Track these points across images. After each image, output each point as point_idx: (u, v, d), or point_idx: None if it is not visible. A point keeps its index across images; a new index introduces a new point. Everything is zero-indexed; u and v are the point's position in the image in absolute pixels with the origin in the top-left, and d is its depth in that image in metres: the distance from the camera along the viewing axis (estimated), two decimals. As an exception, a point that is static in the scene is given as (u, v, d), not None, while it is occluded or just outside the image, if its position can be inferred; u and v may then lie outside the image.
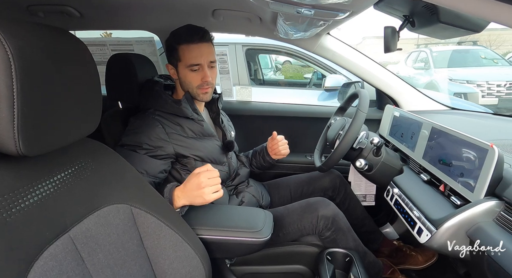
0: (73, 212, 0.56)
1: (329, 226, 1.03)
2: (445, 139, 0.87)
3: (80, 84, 0.56)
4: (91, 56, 0.58)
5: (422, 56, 6.49)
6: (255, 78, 3.72)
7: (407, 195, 0.89)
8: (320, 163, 1.17)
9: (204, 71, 0.99)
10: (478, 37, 8.93)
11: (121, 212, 0.66)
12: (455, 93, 4.96)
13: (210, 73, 1.01)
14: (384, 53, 0.96)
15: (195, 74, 0.99)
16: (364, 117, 1.02)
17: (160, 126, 0.97)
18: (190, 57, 0.97)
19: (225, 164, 1.12)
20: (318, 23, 0.98)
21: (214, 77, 1.04)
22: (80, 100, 0.56)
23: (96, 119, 0.61)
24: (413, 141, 1.05)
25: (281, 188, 1.34)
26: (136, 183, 0.72)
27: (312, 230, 1.04)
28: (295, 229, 1.04)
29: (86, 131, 0.60)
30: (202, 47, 0.98)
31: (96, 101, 0.60)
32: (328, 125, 1.31)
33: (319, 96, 2.74)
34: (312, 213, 1.04)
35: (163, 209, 0.74)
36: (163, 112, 1.00)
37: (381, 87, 1.42)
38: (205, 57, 0.98)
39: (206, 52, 0.99)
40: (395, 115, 1.26)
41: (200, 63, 0.98)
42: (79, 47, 0.56)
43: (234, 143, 1.13)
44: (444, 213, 0.72)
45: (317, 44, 1.34)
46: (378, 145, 1.02)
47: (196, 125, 1.04)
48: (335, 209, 1.07)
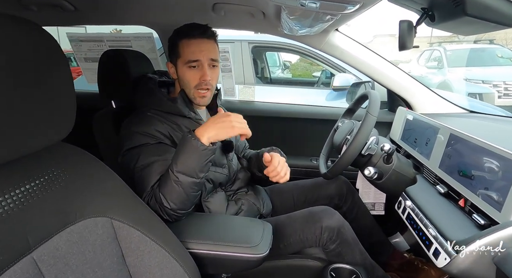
0: (39, 229, 0.49)
1: (334, 238, 0.95)
2: (466, 147, 0.78)
3: (49, 84, 0.49)
4: (63, 53, 0.51)
5: (435, 54, 6.29)
6: (262, 77, 3.64)
7: (421, 209, 0.80)
8: (325, 169, 1.09)
9: (203, 69, 0.92)
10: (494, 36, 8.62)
11: (100, 226, 0.59)
12: (470, 93, 4.78)
13: (210, 73, 0.93)
14: (399, 51, 0.86)
15: (193, 72, 0.92)
16: (374, 122, 0.94)
17: (157, 122, 0.91)
18: (189, 52, 0.91)
19: (225, 166, 1.05)
20: (325, 18, 0.89)
21: (214, 79, 0.95)
22: (50, 102, 0.49)
23: (70, 122, 0.54)
24: (428, 148, 0.96)
25: (283, 194, 1.26)
26: (119, 192, 0.65)
27: (315, 242, 0.96)
28: (297, 240, 0.97)
29: (57, 136, 0.53)
30: (202, 43, 0.91)
31: (68, 103, 0.53)
32: (335, 129, 1.23)
33: (327, 96, 2.64)
34: (315, 224, 0.96)
35: (148, 221, 0.67)
36: (158, 111, 0.94)
37: (392, 87, 1.33)
38: (205, 53, 0.91)
39: (207, 49, 0.92)
40: (408, 118, 1.16)
41: (199, 59, 0.91)
42: (48, 44, 0.49)
43: (232, 143, 1.05)
44: (466, 234, 0.63)
45: (324, 41, 1.25)
46: (389, 152, 0.93)
47: (193, 125, 0.96)
48: (340, 219, 0.98)
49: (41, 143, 0.50)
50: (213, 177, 1.00)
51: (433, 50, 6.66)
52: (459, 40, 10.21)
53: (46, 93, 0.49)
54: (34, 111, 0.47)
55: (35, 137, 0.49)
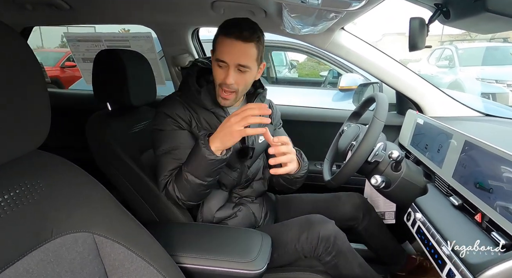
0: (7, 251, 0.44)
1: (330, 249, 0.89)
2: (483, 155, 0.71)
3: (19, 88, 0.44)
4: (32, 53, 0.46)
5: (446, 53, 6.13)
6: (267, 77, 3.58)
7: (433, 223, 0.73)
8: (329, 176, 1.02)
9: (228, 71, 0.86)
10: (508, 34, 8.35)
11: (80, 243, 0.54)
12: (482, 93, 4.63)
13: (236, 77, 0.87)
14: (409, 51, 0.79)
15: (220, 71, 0.88)
16: (382, 127, 0.87)
17: (180, 107, 0.92)
18: (220, 51, 0.86)
19: (236, 170, 0.99)
20: (329, 15, 0.83)
21: (240, 83, 0.88)
22: (18, 108, 0.45)
23: (44, 130, 0.49)
24: (440, 155, 0.89)
25: (292, 206, 1.18)
26: (103, 204, 0.60)
27: (311, 251, 0.90)
28: (292, 249, 0.91)
29: (30, 145, 0.48)
30: (236, 45, 0.84)
31: (42, 107, 0.48)
32: (340, 133, 1.16)
33: (334, 97, 2.58)
34: (312, 233, 0.89)
35: (134, 235, 0.63)
36: (186, 99, 0.94)
37: (401, 89, 1.26)
38: (234, 57, 0.85)
39: (238, 53, 0.85)
40: (418, 122, 1.09)
41: (225, 61, 0.85)
42: (17, 44, 0.45)
43: (249, 149, 0.97)
44: (484, 256, 0.56)
45: (329, 40, 1.19)
46: (397, 160, 0.87)
47: (214, 119, 0.94)
48: (335, 228, 0.92)
49: (11, 152, 0.46)
50: (219, 177, 0.94)
51: (444, 48, 6.49)
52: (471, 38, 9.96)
53: (16, 98, 0.44)
54: (3, 117, 0.42)
55: (4, 147, 0.44)
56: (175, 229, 0.85)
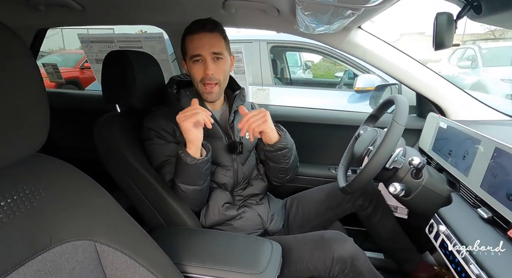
0: (1, 261, 0.42)
1: (347, 271, 0.83)
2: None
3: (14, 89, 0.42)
4: (31, 55, 0.44)
5: (468, 53, 5.88)
6: (281, 77, 3.53)
7: (459, 238, 0.67)
8: (344, 183, 0.97)
9: (206, 63, 0.91)
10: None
11: (80, 251, 0.52)
12: (508, 94, 4.41)
13: (215, 67, 0.92)
14: (435, 50, 0.73)
15: (197, 67, 0.93)
16: (401, 132, 0.81)
17: (162, 119, 0.95)
18: (191, 48, 0.92)
19: (230, 168, 1.00)
20: (345, 13, 0.78)
21: (220, 72, 0.93)
22: (15, 109, 0.43)
23: (43, 132, 0.47)
24: (466, 162, 0.82)
25: (301, 203, 1.17)
26: (106, 210, 0.58)
27: (325, 272, 0.84)
28: (304, 268, 0.86)
29: (29, 148, 0.46)
30: (204, 37, 0.91)
31: (40, 110, 0.46)
32: (356, 136, 1.10)
33: (349, 98, 2.50)
34: (326, 252, 0.84)
35: (138, 243, 0.60)
36: (166, 109, 0.97)
37: (422, 91, 1.18)
38: (207, 47, 0.90)
39: (208, 43, 0.91)
40: (441, 126, 1.02)
41: (200, 54, 0.91)
42: (14, 43, 0.43)
43: (237, 143, 0.99)
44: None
45: (345, 40, 1.14)
46: (419, 167, 0.81)
47: None
48: (354, 248, 0.86)
49: (8, 156, 0.44)
50: (214, 177, 0.98)
51: (466, 48, 6.23)
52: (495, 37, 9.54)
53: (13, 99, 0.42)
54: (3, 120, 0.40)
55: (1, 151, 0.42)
56: (181, 235, 0.82)
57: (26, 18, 1.23)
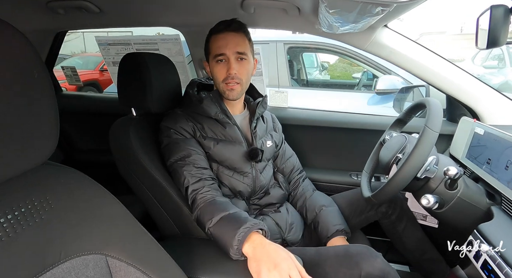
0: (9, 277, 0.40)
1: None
2: None
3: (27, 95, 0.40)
4: (40, 59, 0.41)
5: (495, 53, 5.58)
6: (298, 79, 3.47)
7: (507, 261, 0.60)
8: (369, 192, 0.91)
9: (229, 62, 0.91)
10: None
11: (91, 266, 0.49)
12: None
13: (238, 67, 0.91)
14: (487, 48, 0.66)
15: (220, 67, 0.92)
16: (435, 138, 0.75)
17: (183, 120, 0.93)
18: (215, 47, 0.91)
19: (248, 175, 0.96)
20: (374, 9, 0.72)
21: (243, 73, 0.93)
22: (27, 117, 0.40)
23: (52, 141, 0.45)
24: (510, 173, 0.75)
25: None
26: (118, 221, 0.55)
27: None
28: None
29: (38, 158, 0.44)
30: (228, 36, 0.90)
31: (50, 116, 0.43)
32: (381, 142, 1.04)
33: (369, 100, 2.41)
34: (352, 269, 0.76)
35: (151, 258, 0.57)
36: (187, 110, 0.96)
37: (453, 93, 1.10)
38: (231, 47, 0.90)
39: (233, 42, 0.90)
40: (476, 132, 0.94)
41: (224, 53, 0.90)
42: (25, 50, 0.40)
43: (258, 150, 0.95)
44: None
45: (370, 39, 1.07)
46: (454, 178, 0.74)
47: (219, 127, 0.95)
48: (384, 265, 0.77)
49: (17, 167, 0.41)
50: (230, 183, 0.94)
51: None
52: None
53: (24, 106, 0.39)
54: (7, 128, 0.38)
55: (9, 161, 0.40)
56: (197, 246, 0.78)
57: (45, 21, 1.24)
